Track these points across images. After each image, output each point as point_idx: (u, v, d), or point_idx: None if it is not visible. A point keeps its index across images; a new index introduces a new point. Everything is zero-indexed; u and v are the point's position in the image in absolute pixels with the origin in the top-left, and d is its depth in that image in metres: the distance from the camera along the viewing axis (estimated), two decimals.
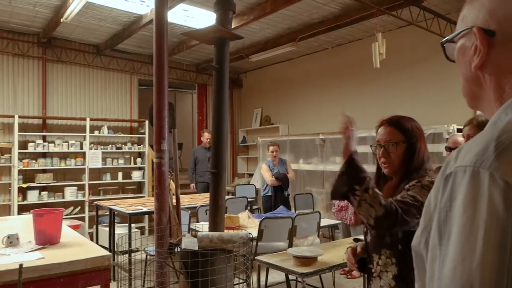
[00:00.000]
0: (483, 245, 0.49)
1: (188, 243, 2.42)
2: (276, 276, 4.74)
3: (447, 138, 4.70)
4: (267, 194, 5.99)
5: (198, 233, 2.46)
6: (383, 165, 1.76)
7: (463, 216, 0.52)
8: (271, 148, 6.03)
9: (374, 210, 1.49)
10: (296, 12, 5.90)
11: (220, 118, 2.67)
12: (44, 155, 6.95)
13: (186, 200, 5.67)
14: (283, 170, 5.98)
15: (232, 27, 5.66)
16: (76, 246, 2.51)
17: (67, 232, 2.86)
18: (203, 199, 5.68)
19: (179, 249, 2.50)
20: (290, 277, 3.83)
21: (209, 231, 2.70)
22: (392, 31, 6.45)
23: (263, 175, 5.99)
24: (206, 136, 7.10)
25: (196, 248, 2.30)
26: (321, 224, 4.69)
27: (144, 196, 7.45)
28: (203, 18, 5.78)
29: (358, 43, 7.12)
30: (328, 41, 7.27)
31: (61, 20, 5.58)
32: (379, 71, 5.56)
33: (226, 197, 5.59)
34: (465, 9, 0.73)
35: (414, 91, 6.33)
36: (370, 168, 2.08)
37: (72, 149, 7.07)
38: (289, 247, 4.07)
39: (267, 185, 5.98)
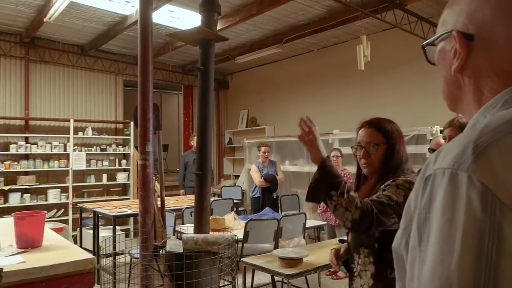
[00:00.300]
0: (461, 246, 0.49)
1: (173, 245, 2.41)
2: (262, 278, 4.75)
3: (431, 140, 4.77)
4: (255, 196, 5.95)
5: (183, 235, 2.45)
6: (363, 166, 1.80)
7: (441, 217, 0.52)
8: (263, 148, 5.99)
9: (350, 213, 1.51)
10: (282, 14, 5.92)
11: (205, 119, 2.67)
12: (26, 156, 6.83)
13: (172, 202, 5.64)
14: (273, 172, 5.96)
15: (218, 28, 5.67)
16: (59, 249, 2.47)
17: (49, 235, 2.81)
18: (189, 200, 5.65)
19: (164, 252, 2.48)
20: (276, 278, 3.83)
21: (194, 233, 2.69)
22: (377, 33, 6.51)
23: (252, 176, 5.96)
24: (196, 140, 6.94)
25: (181, 251, 2.29)
26: (307, 225, 4.71)
27: (129, 198, 7.37)
28: (189, 19, 5.76)
29: (343, 45, 7.18)
30: (314, 43, 7.32)
31: (44, 20, 5.50)
32: (364, 73, 5.61)
33: (212, 198, 5.58)
34: (445, 13, 0.73)
35: (398, 93, 6.41)
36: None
37: (55, 151, 6.97)
38: (274, 248, 4.08)
39: (255, 186, 5.94)
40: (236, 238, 2.58)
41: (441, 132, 4.75)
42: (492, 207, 0.49)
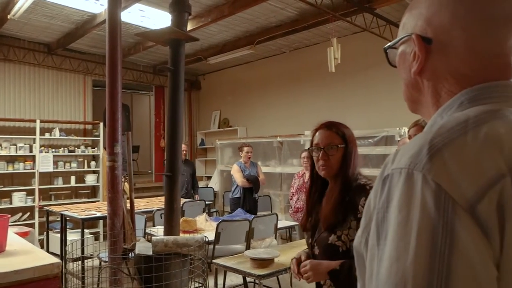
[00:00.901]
0: (416, 245, 0.51)
1: (142, 248, 2.37)
2: (234, 279, 4.74)
3: (398, 141, 4.88)
4: (235, 196, 5.86)
5: (153, 237, 2.41)
6: (321, 167, 1.78)
7: (398, 216, 0.54)
8: (245, 149, 5.93)
9: None
10: (254, 16, 5.93)
11: (175, 120, 2.64)
12: None
13: (142, 204, 5.56)
14: (254, 172, 5.92)
15: (190, 28, 5.63)
16: (23, 254, 2.39)
17: (13, 239, 2.71)
18: (160, 202, 5.58)
19: (133, 254, 2.44)
20: (248, 279, 3.83)
21: (164, 235, 2.66)
22: (347, 36, 6.62)
23: (233, 176, 5.87)
24: (182, 148, 6.61)
25: (151, 253, 2.26)
26: (279, 226, 4.73)
27: (98, 201, 7.21)
28: (160, 19, 5.70)
29: (314, 48, 7.26)
30: (286, 45, 7.37)
31: (8, 16, 5.32)
32: (335, 75, 5.68)
33: (184, 200, 5.53)
34: (405, 17, 0.75)
35: (368, 94, 6.53)
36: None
37: (20, 152, 6.74)
38: (246, 249, 4.08)
39: (236, 186, 5.85)
40: (207, 239, 2.57)
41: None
42: (445, 206, 0.51)
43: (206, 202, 5.91)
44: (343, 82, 6.76)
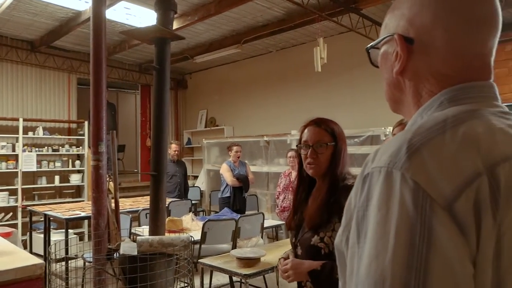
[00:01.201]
0: (395, 242, 0.51)
1: (127, 248, 2.35)
2: (221, 279, 4.73)
3: (384, 140, 4.93)
4: (225, 196, 5.85)
5: (138, 237, 2.40)
6: (308, 165, 1.71)
7: (377, 214, 0.54)
8: (235, 148, 5.91)
9: None
10: (241, 15, 5.93)
11: (160, 119, 2.62)
12: None
13: (128, 204, 5.52)
14: (243, 172, 5.92)
15: (176, 27, 5.61)
16: (6, 255, 2.35)
17: None
18: (145, 202, 5.54)
19: (117, 255, 2.42)
20: (234, 278, 3.83)
21: (149, 235, 2.64)
22: (333, 36, 6.65)
23: (223, 175, 5.84)
24: (174, 148, 6.44)
25: (135, 253, 2.24)
26: (265, 225, 4.73)
27: (83, 200, 7.13)
28: (146, 17, 5.65)
29: (301, 47, 7.28)
30: (272, 44, 7.38)
31: None
32: (321, 74, 5.71)
33: (170, 199, 5.50)
34: (387, 17, 0.76)
35: (353, 94, 6.58)
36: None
37: (3, 151, 6.62)
38: (233, 248, 4.07)
39: (226, 185, 5.83)
40: (193, 239, 2.56)
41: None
42: (423, 204, 0.51)
43: (193, 202, 5.88)
44: (329, 81, 6.79)
